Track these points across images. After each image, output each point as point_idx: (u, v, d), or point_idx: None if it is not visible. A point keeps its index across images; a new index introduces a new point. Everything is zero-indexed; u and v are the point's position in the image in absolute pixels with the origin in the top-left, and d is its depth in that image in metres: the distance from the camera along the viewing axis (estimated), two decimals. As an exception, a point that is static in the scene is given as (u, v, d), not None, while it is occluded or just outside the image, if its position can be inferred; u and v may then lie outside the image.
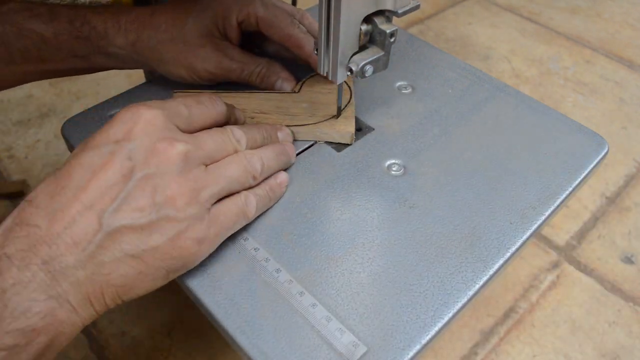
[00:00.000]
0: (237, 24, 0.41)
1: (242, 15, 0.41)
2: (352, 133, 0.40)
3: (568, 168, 0.39)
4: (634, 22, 1.03)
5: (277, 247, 0.33)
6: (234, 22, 0.41)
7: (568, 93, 0.86)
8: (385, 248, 0.34)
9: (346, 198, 0.37)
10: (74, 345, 0.53)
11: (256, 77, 0.42)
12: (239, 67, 0.42)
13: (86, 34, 0.39)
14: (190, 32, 0.40)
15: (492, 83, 0.47)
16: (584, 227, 0.66)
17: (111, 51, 0.40)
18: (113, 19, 0.40)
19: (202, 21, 0.40)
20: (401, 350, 0.29)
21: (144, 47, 0.40)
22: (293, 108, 0.41)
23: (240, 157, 0.33)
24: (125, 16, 0.40)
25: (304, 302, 0.31)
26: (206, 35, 0.40)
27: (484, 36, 0.98)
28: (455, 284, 0.32)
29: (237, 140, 0.34)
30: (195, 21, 0.40)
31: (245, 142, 0.34)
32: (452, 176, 0.38)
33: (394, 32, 0.34)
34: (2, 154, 0.74)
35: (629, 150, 0.76)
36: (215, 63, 0.41)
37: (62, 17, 0.39)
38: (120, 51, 0.40)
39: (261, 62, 0.42)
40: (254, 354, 0.28)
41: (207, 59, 0.41)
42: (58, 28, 0.39)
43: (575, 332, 0.56)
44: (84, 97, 0.82)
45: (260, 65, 0.42)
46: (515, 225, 0.35)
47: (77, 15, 0.39)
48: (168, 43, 0.40)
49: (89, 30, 0.39)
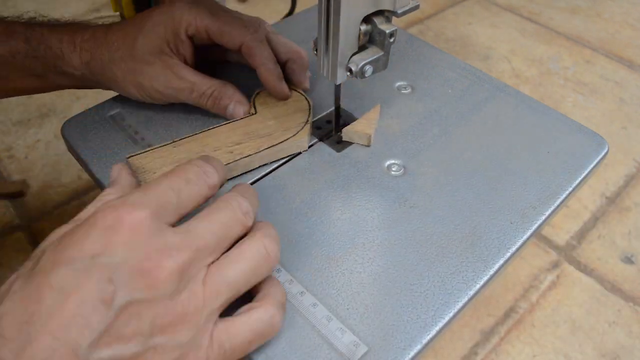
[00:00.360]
0: (188, 38, 0.40)
1: (191, 29, 0.39)
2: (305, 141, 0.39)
3: (568, 168, 0.39)
4: (634, 22, 1.03)
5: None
6: (184, 37, 0.39)
7: (568, 93, 0.86)
8: (385, 248, 0.34)
9: (346, 198, 0.37)
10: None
11: (207, 99, 0.40)
12: (189, 87, 0.39)
13: (42, 53, 0.39)
14: (140, 49, 0.39)
15: (492, 83, 0.47)
16: (584, 227, 0.66)
17: (67, 71, 0.40)
18: (69, 38, 0.39)
19: (153, 38, 0.39)
20: (402, 350, 0.29)
21: (97, 66, 0.39)
22: (262, 129, 0.39)
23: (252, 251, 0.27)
24: (81, 35, 0.39)
25: (304, 302, 0.31)
26: (156, 53, 0.39)
27: (484, 36, 0.98)
28: (455, 284, 0.32)
29: (244, 214, 0.28)
30: (146, 38, 0.39)
31: (253, 212, 0.29)
32: (452, 176, 0.38)
33: (394, 32, 0.34)
34: (2, 154, 0.74)
35: (629, 150, 0.76)
36: (164, 82, 0.39)
37: (19, 35, 0.38)
38: (75, 71, 0.40)
39: (213, 84, 0.40)
40: (254, 354, 0.28)
41: (155, 77, 0.39)
42: (15, 47, 0.38)
43: (575, 332, 0.56)
44: (84, 97, 0.82)
45: (212, 87, 0.40)
46: (515, 225, 0.35)
47: (33, 34, 0.38)
48: (119, 61, 0.39)
49: (45, 50, 0.39)
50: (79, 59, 0.39)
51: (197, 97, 0.40)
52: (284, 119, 0.40)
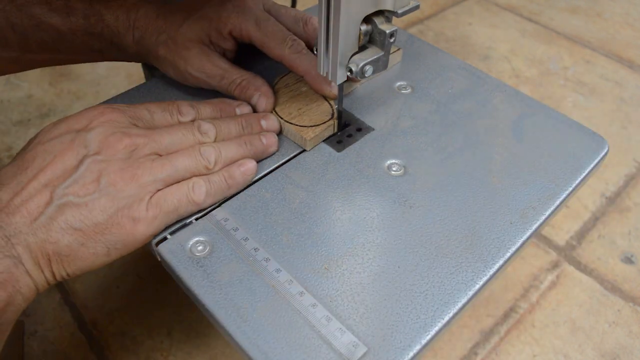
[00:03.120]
0: (231, 36, 0.42)
1: (236, 31, 0.42)
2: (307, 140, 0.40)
3: (568, 168, 0.39)
4: (634, 22, 1.03)
5: (277, 247, 0.33)
6: (226, 35, 0.42)
7: (568, 93, 0.86)
8: (385, 248, 0.34)
9: (346, 198, 0.37)
10: (74, 345, 0.53)
11: (235, 87, 0.42)
12: (220, 73, 0.42)
13: (99, 30, 0.42)
14: (182, 34, 0.42)
15: (492, 83, 0.47)
16: (584, 227, 0.66)
17: (122, 47, 0.43)
18: (124, 16, 0.42)
19: (195, 28, 0.41)
20: (401, 350, 0.29)
21: (146, 45, 0.43)
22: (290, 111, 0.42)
23: (193, 148, 0.35)
24: (135, 13, 0.42)
25: (304, 302, 0.31)
26: (195, 40, 0.42)
27: (484, 36, 0.98)
28: (455, 284, 0.32)
29: (203, 133, 0.36)
30: (190, 27, 0.42)
31: (215, 134, 0.37)
32: (452, 176, 0.38)
33: (394, 32, 0.34)
34: (2, 154, 0.74)
35: (629, 150, 0.76)
36: (197, 66, 0.42)
37: (78, 12, 0.41)
38: (129, 48, 0.43)
39: (244, 74, 0.42)
40: (254, 354, 0.28)
41: (189, 61, 0.42)
42: (74, 24, 0.41)
43: (575, 332, 0.56)
44: (84, 97, 0.82)
45: (243, 76, 0.42)
46: (515, 225, 0.35)
47: (92, 11, 0.42)
48: (163, 43, 0.42)
49: (103, 28, 0.42)
50: (132, 36, 0.43)
51: (226, 84, 0.42)
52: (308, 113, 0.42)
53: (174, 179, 0.34)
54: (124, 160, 0.32)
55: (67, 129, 0.33)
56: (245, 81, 0.42)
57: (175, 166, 0.34)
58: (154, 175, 0.33)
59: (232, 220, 0.35)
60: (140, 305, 0.56)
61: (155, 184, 0.33)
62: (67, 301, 0.57)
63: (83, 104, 0.81)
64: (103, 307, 0.56)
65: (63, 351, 0.53)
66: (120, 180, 0.32)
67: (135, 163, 0.32)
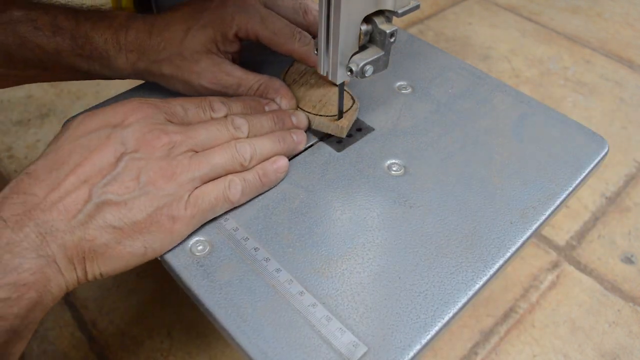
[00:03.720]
0: (236, 38, 0.41)
1: (241, 32, 0.41)
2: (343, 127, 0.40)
3: (568, 168, 0.39)
4: (634, 22, 1.03)
5: (277, 247, 0.33)
6: (232, 38, 0.41)
7: (568, 93, 0.86)
8: (385, 248, 0.34)
9: (346, 198, 0.37)
10: (74, 345, 0.53)
11: (254, 93, 0.42)
12: (236, 82, 0.41)
13: (87, 53, 0.40)
14: (187, 48, 0.40)
15: (492, 83, 0.47)
16: (584, 227, 0.66)
17: (115, 68, 0.42)
18: (113, 39, 0.40)
19: (201, 39, 0.40)
20: (401, 350, 0.29)
21: (143, 66, 0.41)
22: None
23: (229, 144, 0.35)
24: (125, 35, 0.40)
25: (304, 302, 0.31)
26: (203, 52, 0.40)
27: (484, 36, 0.98)
28: (455, 284, 0.32)
29: (236, 128, 0.36)
30: (194, 38, 0.40)
31: (248, 130, 0.37)
32: (452, 176, 0.38)
33: (394, 32, 0.34)
34: (2, 154, 0.74)
35: (629, 150, 0.76)
36: (211, 79, 0.41)
37: (65, 32, 0.39)
38: (122, 70, 0.42)
39: (260, 78, 0.41)
40: (254, 354, 0.28)
41: (202, 74, 0.40)
42: (60, 44, 0.40)
43: (575, 332, 0.56)
44: (84, 97, 0.82)
45: (260, 81, 0.41)
46: (515, 225, 0.35)
47: (78, 32, 0.40)
48: (166, 61, 0.41)
49: (91, 51, 0.40)
50: (125, 59, 0.41)
51: (244, 91, 0.42)
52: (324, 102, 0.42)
53: (210, 176, 0.34)
54: (162, 159, 0.32)
55: (103, 123, 0.32)
56: (263, 85, 0.41)
57: (211, 164, 0.34)
58: (192, 173, 0.33)
59: (233, 220, 0.35)
60: (140, 305, 0.56)
61: (193, 182, 0.33)
62: (67, 301, 0.57)
63: (83, 104, 0.81)
64: (103, 307, 0.56)
65: (63, 351, 0.53)
66: (159, 178, 0.31)
67: (173, 161, 0.32)
